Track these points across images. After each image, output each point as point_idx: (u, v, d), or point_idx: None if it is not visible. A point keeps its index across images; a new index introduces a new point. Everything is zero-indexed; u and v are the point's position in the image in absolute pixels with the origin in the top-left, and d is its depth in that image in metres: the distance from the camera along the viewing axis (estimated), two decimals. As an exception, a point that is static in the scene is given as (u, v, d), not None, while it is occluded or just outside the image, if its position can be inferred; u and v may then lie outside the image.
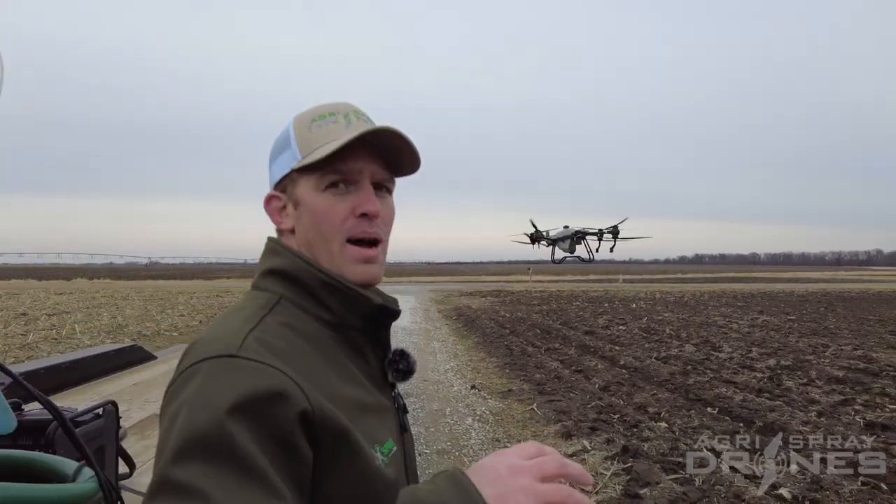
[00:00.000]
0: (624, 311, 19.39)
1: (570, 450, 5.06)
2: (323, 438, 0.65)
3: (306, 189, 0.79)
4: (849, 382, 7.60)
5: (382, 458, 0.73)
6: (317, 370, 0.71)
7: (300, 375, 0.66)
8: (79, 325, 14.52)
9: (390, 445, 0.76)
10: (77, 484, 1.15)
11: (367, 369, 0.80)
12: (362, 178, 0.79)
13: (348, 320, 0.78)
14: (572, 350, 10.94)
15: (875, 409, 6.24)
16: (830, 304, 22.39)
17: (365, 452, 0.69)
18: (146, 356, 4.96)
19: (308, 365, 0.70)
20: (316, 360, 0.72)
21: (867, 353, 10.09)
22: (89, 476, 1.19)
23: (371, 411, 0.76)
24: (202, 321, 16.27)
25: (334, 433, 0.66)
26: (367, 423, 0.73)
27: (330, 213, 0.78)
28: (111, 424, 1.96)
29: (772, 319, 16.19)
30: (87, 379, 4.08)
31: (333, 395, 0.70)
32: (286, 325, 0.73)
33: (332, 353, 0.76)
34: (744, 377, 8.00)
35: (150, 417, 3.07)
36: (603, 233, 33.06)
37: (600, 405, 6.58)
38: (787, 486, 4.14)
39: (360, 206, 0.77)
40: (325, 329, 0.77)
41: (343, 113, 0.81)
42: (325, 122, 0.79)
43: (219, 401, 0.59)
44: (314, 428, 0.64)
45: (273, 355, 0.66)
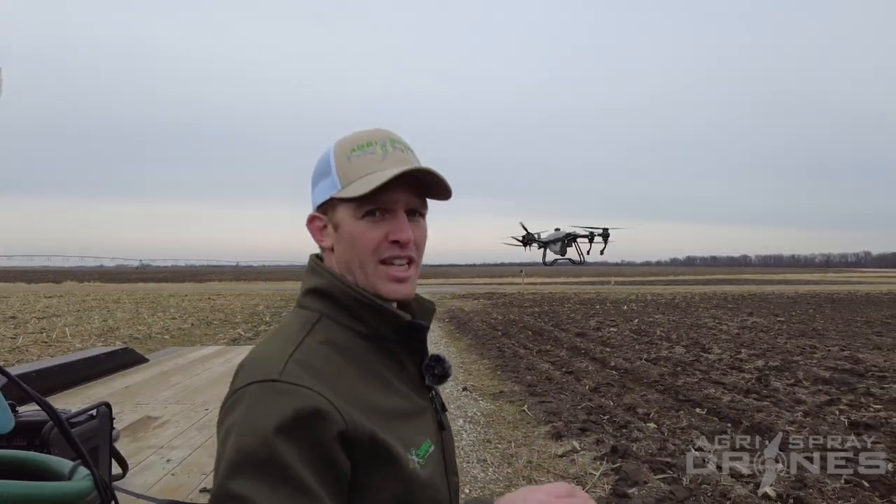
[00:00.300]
0: (615, 312, 19.50)
1: (560, 450, 5.11)
2: (359, 452, 0.73)
3: (345, 215, 0.86)
4: (835, 383, 7.71)
5: (419, 461, 0.80)
6: (354, 385, 0.79)
7: (336, 394, 0.74)
8: (69, 328, 14.44)
9: (427, 447, 0.84)
10: (73, 482, 1.18)
11: (404, 374, 0.88)
12: (397, 207, 0.85)
13: (382, 332, 0.86)
14: (563, 352, 11.00)
15: (860, 409, 6.34)
16: (819, 305, 22.62)
17: (400, 459, 0.77)
18: (138, 359, 4.95)
19: (345, 381, 0.78)
20: (353, 374, 0.80)
21: (853, 353, 10.23)
22: (84, 475, 1.22)
23: (407, 417, 0.84)
24: (193, 324, 16.21)
25: (370, 446, 0.74)
26: (403, 429, 0.81)
27: (366, 239, 0.84)
28: (105, 426, 1.99)
29: (761, 321, 16.35)
30: (79, 382, 4.08)
31: (369, 408, 0.78)
32: (326, 342, 0.81)
33: (369, 364, 0.84)
34: (732, 378, 8.09)
35: (143, 420, 3.10)
36: (594, 235, 33.31)
37: (590, 406, 6.64)
38: (773, 484, 4.21)
39: (392, 234, 0.84)
40: (363, 341, 0.85)
41: (381, 143, 0.86)
42: (364, 153, 0.85)
43: (265, 422, 0.68)
44: (350, 442, 0.72)
45: (312, 377, 0.74)
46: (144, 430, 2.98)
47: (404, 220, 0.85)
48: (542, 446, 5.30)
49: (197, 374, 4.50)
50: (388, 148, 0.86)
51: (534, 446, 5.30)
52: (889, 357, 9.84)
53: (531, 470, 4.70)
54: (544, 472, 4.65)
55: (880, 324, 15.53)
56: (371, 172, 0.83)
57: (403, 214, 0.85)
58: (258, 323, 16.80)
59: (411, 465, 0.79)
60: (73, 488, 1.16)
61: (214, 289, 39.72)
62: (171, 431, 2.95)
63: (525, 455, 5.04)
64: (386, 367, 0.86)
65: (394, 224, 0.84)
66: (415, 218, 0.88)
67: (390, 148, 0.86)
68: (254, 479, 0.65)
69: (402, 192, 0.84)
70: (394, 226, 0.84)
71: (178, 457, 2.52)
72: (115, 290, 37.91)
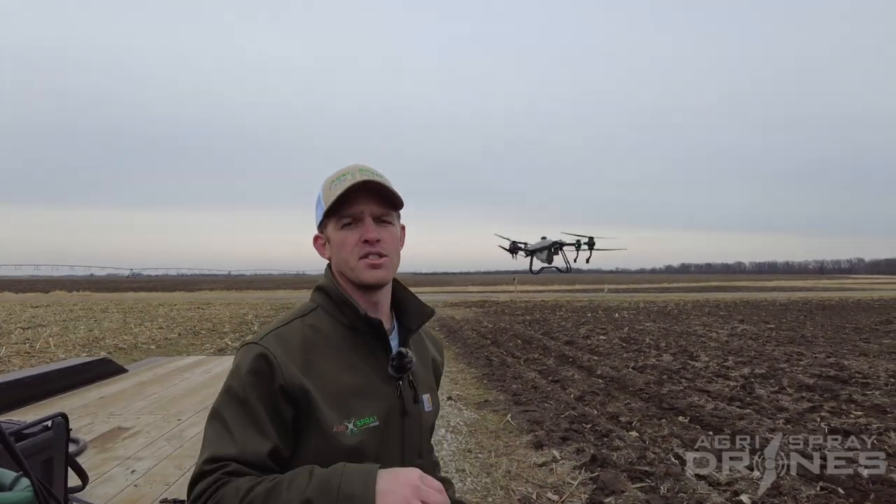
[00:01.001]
0: (606, 320, 19.52)
1: (540, 460, 5.11)
2: (296, 404, 1.05)
3: (332, 229, 1.18)
4: (818, 389, 7.74)
5: (352, 429, 1.07)
6: (317, 359, 1.09)
7: (289, 359, 1.06)
8: (53, 338, 14.29)
9: (368, 420, 1.10)
10: (12, 493, 1.18)
11: (373, 361, 1.15)
12: (364, 216, 1.15)
13: (357, 325, 1.15)
14: (551, 360, 11.00)
15: (840, 416, 6.36)
16: (810, 312, 22.73)
17: (324, 420, 1.05)
18: (117, 369, 4.91)
19: (310, 355, 1.09)
20: (324, 352, 1.11)
21: (839, 360, 10.28)
22: (25, 486, 1.22)
23: (360, 393, 1.10)
24: (181, 333, 16.10)
25: (304, 402, 1.05)
26: (351, 400, 1.09)
27: (346, 243, 1.15)
28: (60, 436, 1.98)
29: (751, 328, 16.41)
30: (54, 393, 4.04)
31: (322, 377, 1.07)
32: (311, 326, 1.14)
33: (343, 348, 1.13)
34: (717, 386, 8.10)
35: (113, 430, 3.08)
36: (581, 244, 33.52)
37: (573, 415, 6.63)
38: (748, 491, 4.22)
39: (363, 235, 1.14)
40: (344, 331, 1.15)
41: (351, 173, 1.15)
42: (339, 182, 1.15)
43: (240, 368, 1.06)
44: (288, 395, 1.04)
45: (277, 344, 1.08)
46: (113, 441, 2.96)
47: (371, 224, 1.15)
48: (522, 456, 5.29)
49: (174, 384, 4.47)
50: (357, 174, 1.14)
51: (514, 456, 5.28)
52: (874, 364, 9.89)
53: (509, 479, 4.68)
54: (522, 482, 4.63)
55: (868, 330, 15.63)
56: (341, 191, 1.13)
57: (370, 220, 1.15)
58: (246, 332, 16.70)
59: (336, 429, 1.06)
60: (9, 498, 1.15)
61: (204, 298, 39.51)
62: (140, 442, 2.93)
63: (504, 465, 5.02)
64: (357, 353, 1.14)
65: (363, 229, 1.15)
66: (382, 223, 1.17)
67: (357, 174, 1.14)
68: (227, 402, 1.04)
69: (365, 202, 1.14)
70: (363, 230, 1.14)
71: (143, 468, 2.51)
72: (103, 299, 37.63)
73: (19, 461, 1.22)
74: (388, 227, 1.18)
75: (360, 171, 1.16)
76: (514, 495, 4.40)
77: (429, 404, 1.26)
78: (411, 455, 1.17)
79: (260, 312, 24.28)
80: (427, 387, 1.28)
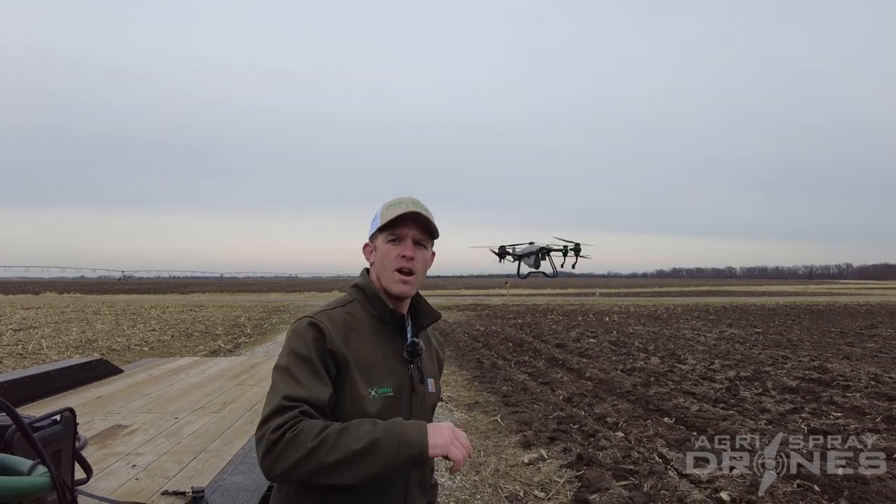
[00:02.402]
0: (597, 324, 19.71)
1: (528, 459, 5.24)
2: (339, 366, 1.35)
3: (381, 241, 1.49)
4: (801, 392, 7.93)
5: (374, 394, 1.37)
6: (353, 337, 1.40)
7: (335, 331, 1.37)
8: (46, 340, 14.30)
9: (385, 390, 1.39)
10: (31, 477, 1.29)
11: (393, 346, 1.47)
12: (407, 237, 1.47)
13: (384, 316, 1.47)
14: (541, 363, 11.15)
15: (821, 417, 6.54)
16: (798, 316, 23.04)
17: (357, 384, 1.35)
18: (113, 370, 4.97)
19: (348, 333, 1.40)
20: (357, 333, 1.42)
21: (823, 363, 10.50)
22: (42, 472, 1.33)
23: (381, 368, 1.41)
24: (174, 335, 16.13)
25: (344, 366, 1.35)
26: (374, 371, 1.39)
27: (388, 255, 1.47)
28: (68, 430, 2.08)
29: (739, 332, 16.65)
30: (52, 392, 4.10)
31: (356, 351, 1.38)
32: (349, 313, 1.45)
33: (370, 333, 1.44)
34: (703, 388, 8.27)
35: (112, 428, 3.17)
36: (567, 249, 33.97)
37: (561, 416, 6.77)
38: (728, 489, 4.37)
39: (402, 252, 1.46)
40: (373, 320, 1.47)
41: (405, 203, 1.48)
42: (395, 207, 1.48)
43: (299, 333, 1.37)
44: (335, 358, 1.35)
45: (327, 320, 1.39)
46: (113, 438, 3.05)
47: (410, 245, 1.47)
48: (510, 455, 5.42)
49: (170, 384, 4.55)
50: (409, 205, 1.47)
51: (503, 455, 5.41)
52: (856, 367, 10.11)
53: (498, 478, 4.82)
54: (510, 480, 4.77)
55: (853, 334, 15.90)
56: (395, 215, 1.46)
57: (410, 242, 1.47)
58: (238, 335, 16.76)
59: (363, 392, 1.36)
60: (29, 482, 1.27)
61: (197, 300, 39.37)
62: (139, 439, 3.03)
63: (493, 463, 5.15)
64: (382, 338, 1.46)
65: (403, 247, 1.46)
66: (419, 247, 1.49)
67: (411, 205, 1.47)
68: (292, 359, 1.32)
69: (410, 227, 1.47)
70: (403, 248, 1.46)
71: (143, 462, 2.61)
72: (95, 301, 37.43)
73: (38, 450, 1.34)
74: (422, 250, 1.51)
75: (412, 202, 1.48)
76: (501, 493, 4.53)
77: (432, 387, 1.55)
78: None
79: (252, 315, 24.30)
80: (431, 373, 1.58)
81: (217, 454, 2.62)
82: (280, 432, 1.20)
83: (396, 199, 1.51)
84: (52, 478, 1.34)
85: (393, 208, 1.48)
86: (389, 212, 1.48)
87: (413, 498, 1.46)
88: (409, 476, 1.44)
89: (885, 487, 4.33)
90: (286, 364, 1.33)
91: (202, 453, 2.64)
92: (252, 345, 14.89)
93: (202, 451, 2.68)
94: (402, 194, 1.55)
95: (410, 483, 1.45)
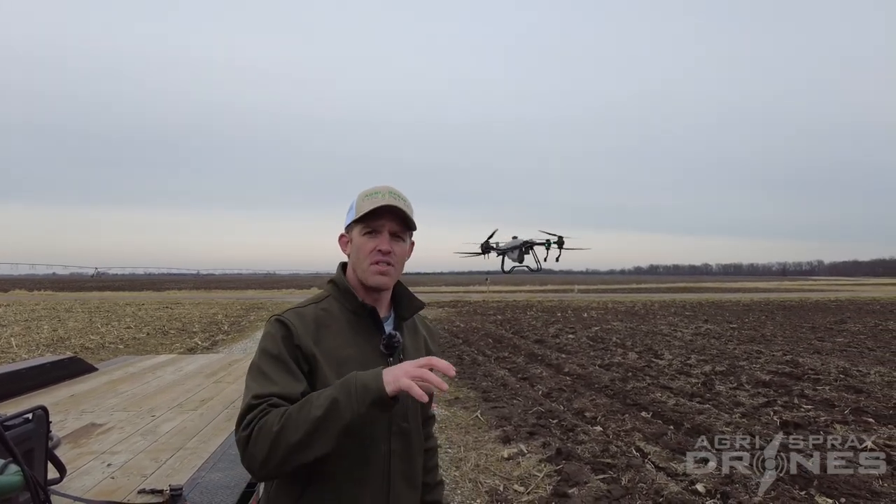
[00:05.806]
0: (575, 320, 19.89)
1: (508, 453, 5.28)
2: (308, 363, 1.34)
3: (356, 234, 1.45)
4: (773, 386, 8.11)
5: None
6: (325, 333, 1.38)
7: (304, 329, 1.36)
8: (16, 338, 13.94)
9: None
10: (2, 476, 1.26)
11: (370, 341, 1.43)
12: (383, 229, 1.43)
13: (358, 310, 1.44)
14: (521, 358, 11.22)
15: (792, 410, 6.70)
16: (771, 312, 23.51)
17: (328, 381, 1.29)
18: (87, 368, 4.85)
19: (319, 330, 1.38)
20: (330, 329, 1.40)
21: (794, 357, 10.75)
22: (14, 471, 1.30)
23: (355, 363, 1.35)
24: (149, 333, 15.86)
25: (313, 364, 1.34)
26: (347, 367, 1.32)
27: (364, 247, 1.43)
28: (41, 429, 2.04)
29: (714, 328, 16.94)
30: (22, 391, 4.00)
31: (328, 348, 1.36)
32: (323, 309, 1.43)
33: (345, 329, 1.42)
34: (679, 382, 8.41)
35: (86, 427, 3.10)
36: (550, 243, 34.21)
37: (541, 411, 6.83)
38: (703, 481, 4.46)
39: (378, 245, 1.42)
40: (349, 314, 1.44)
41: (382, 193, 1.43)
42: (371, 198, 1.43)
43: (270, 333, 1.36)
44: (303, 354, 1.33)
45: (296, 317, 1.38)
46: (87, 437, 2.98)
47: (386, 238, 1.43)
48: (490, 450, 5.45)
49: (147, 382, 4.47)
50: (387, 196, 1.42)
51: (482, 450, 5.44)
52: (826, 361, 10.37)
53: (478, 472, 4.84)
54: (490, 475, 4.80)
55: (823, 329, 16.29)
56: (371, 207, 1.41)
57: (387, 234, 1.43)
58: (216, 332, 16.54)
59: None
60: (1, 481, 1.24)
61: (173, 297, 38.74)
62: (114, 437, 2.96)
63: (473, 458, 5.18)
64: (357, 333, 1.43)
65: (380, 239, 1.43)
66: (396, 239, 1.45)
67: (388, 197, 1.42)
68: (264, 358, 1.32)
69: (387, 219, 1.43)
70: (379, 241, 1.42)
71: (119, 461, 2.56)
72: (67, 298, 36.59)
73: (10, 448, 1.31)
74: (399, 242, 1.47)
75: (389, 193, 1.44)
76: (481, 488, 4.55)
77: None
78: (398, 419, 1.43)
79: (230, 312, 24.00)
80: None
81: (195, 452, 2.59)
82: (250, 428, 1.21)
83: (372, 189, 1.46)
84: (25, 477, 1.31)
85: (369, 199, 1.43)
86: (365, 203, 1.43)
87: (397, 490, 1.41)
88: (391, 465, 1.40)
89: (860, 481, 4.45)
90: (257, 363, 1.33)
91: (180, 451, 2.60)
92: (230, 342, 14.71)
93: (180, 448, 2.64)
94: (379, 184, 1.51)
95: (393, 473, 1.40)
